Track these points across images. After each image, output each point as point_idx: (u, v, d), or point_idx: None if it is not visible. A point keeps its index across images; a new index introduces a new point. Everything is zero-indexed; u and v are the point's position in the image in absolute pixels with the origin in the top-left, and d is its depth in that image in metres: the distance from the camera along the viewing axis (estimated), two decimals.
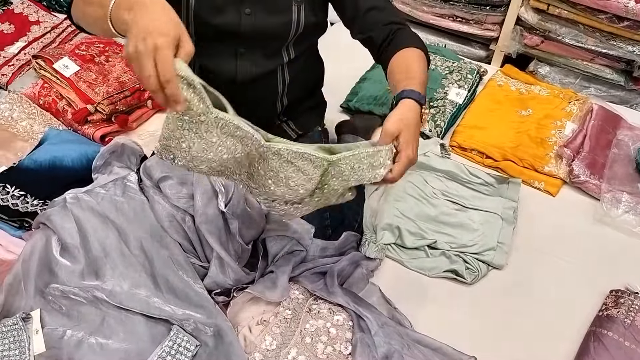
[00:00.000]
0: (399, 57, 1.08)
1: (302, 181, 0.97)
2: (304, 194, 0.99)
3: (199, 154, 0.92)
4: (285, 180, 0.97)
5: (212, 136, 0.91)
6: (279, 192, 1.00)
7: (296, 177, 0.96)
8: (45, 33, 1.93)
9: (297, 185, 0.97)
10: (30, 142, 1.57)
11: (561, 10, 1.84)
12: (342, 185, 0.98)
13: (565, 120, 1.73)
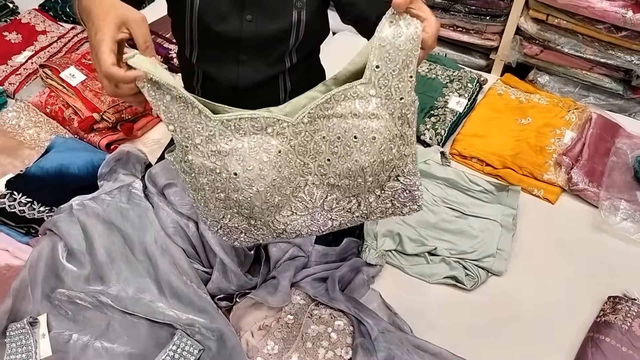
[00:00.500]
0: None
1: (365, 117, 0.85)
2: (386, 130, 0.86)
3: (240, 172, 0.85)
4: (353, 133, 0.86)
5: (235, 142, 0.85)
6: (364, 161, 0.88)
7: (356, 122, 0.85)
8: (52, 42, 1.96)
9: (366, 127, 0.85)
10: (37, 150, 1.60)
11: (560, 20, 1.87)
12: (402, 81, 0.84)
13: (564, 128, 1.75)
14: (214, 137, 0.84)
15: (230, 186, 0.87)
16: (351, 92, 0.84)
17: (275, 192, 0.89)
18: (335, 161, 0.88)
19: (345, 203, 0.95)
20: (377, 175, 0.91)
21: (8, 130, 1.65)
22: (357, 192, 0.94)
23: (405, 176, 0.93)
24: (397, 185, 0.94)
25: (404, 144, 0.89)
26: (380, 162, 0.88)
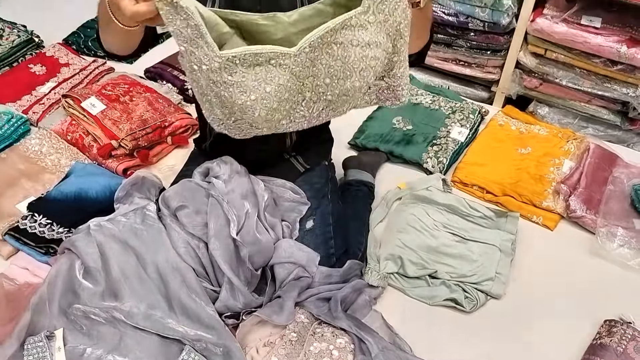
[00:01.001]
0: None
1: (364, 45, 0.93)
2: (382, 53, 0.95)
3: (243, 101, 0.92)
4: (353, 60, 0.94)
5: (239, 75, 0.91)
6: (362, 83, 0.98)
7: (355, 49, 0.93)
8: (74, 74, 2.07)
9: (365, 56, 0.94)
10: (58, 175, 1.68)
11: (558, 54, 1.94)
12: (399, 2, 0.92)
13: (563, 158, 1.81)
14: (219, 70, 0.91)
15: (235, 108, 0.95)
16: (351, 21, 0.90)
17: (275, 113, 0.98)
18: (335, 83, 0.97)
19: (340, 109, 1.06)
20: (369, 83, 1.00)
21: (31, 156, 1.74)
22: (351, 100, 1.04)
23: (389, 77, 1.02)
24: (382, 84, 1.04)
25: (394, 53, 0.98)
26: (374, 76, 1.00)
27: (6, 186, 1.62)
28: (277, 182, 1.45)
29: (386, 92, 1.07)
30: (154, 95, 1.89)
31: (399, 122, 1.94)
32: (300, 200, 1.43)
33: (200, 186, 1.38)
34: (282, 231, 1.39)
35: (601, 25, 1.84)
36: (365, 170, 1.71)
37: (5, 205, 1.57)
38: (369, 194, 1.66)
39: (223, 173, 1.39)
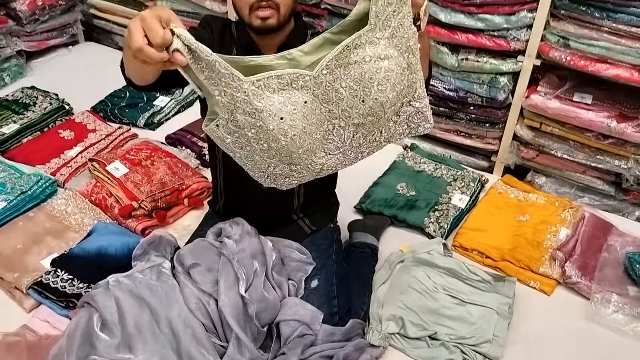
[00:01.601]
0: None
1: (377, 59, 0.99)
2: (396, 66, 1.01)
3: (274, 125, 0.99)
4: (369, 75, 0.99)
5: (267, 100, 0.99)
6: (382, 97, 1.02)
7: (369, 64, 0.99)
8: (101, 139, 2.22)
9: (379, 68, 0.99)
10: (81, 233, 1.78)
11: (552, 128, 2.07)
12: (403, 17, 0.98)
13: (559, 226, 1.89)
14: (249, 97, 0.99)
15: (269, 137, 1.02)
16: (361, 40, 0.99)
17: (307, 138, 1.04)
18: (358, 103, 1.03)
19: (371, 136, 1.10)
20: (394, 105, 1.06)
21: (56, 215, 1.85)
22: (379, 125, 1.08)
23: (416, 100, 1.08)
24: (410, 110, 1.10)
25: (411, 72, 1.05)
26: (395, 94, 1.03)
27: (32, 243, 1.73)
28: (284, 242, 1.54)
29: (416, 118, 1.13)
30: (173, 160, 2.02)
31: (403, 188, 2.04)
32: (306, 260, 1.52)
33: (213, 245, 1.48)
34: (288, 289, 1.47)
35: (592, 101, 1.96)
36: (369, 234, 1.80)
37: (31, 260, 1.67)
38: (372, 256, 1.75)
39: (234, 233, 1.49)
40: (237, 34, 1.39)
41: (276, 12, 1.27)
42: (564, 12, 1.87)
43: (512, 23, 1.96)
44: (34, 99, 2.43)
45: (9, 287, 1.61)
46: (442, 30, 2.09)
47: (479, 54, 2.09)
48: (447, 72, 2.17)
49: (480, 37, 2.05)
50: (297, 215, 1.59)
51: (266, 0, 1.25)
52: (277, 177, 1.14)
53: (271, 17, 1.27)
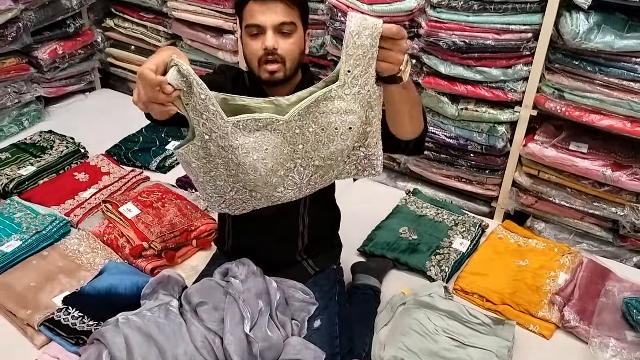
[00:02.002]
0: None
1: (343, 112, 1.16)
2: (358, 120, 1.18)
3: (247, 161, 1.16)
4: (334, 126, 1.18)
5: (243, 138, 1.15)
6: (343, 145, 1.20)
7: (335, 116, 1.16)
8: (114, 182, 2.30)
9: (343, 121, 1.17)
10: (92, 272, 1.84)
11: (550, 175, 2.13)
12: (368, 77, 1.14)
13: (559, 271, 1.92)
14: (227, 135, 1.15)
15: (239, 169, 1.18)
16: (331, 93, 1.15)
17: (273, 175, 1.20)
18: (321, 147, 1.19)
19: (326, 175, 1.27)
20: (350, 150, 1.25)
21: (69, 254, 1.92)
22: (335, 166, 1.25)
23: (365, 147, 1.25)
24: (359, 154, 1.27)
25: (367, 124, 1.21)
26: (353, 143, 1.23)
27: (45, 281, 1.79)
28: (288, 282, 1.60)
29: (364, 162, 1.30)
30: (183, 202, 2.10)
31: (405, 232, 2.10)
32: (309, 301, 1.57)
33: (220, 285, 1.54)
34: (291, 329, 1.52)
35: (588, 150, 2.03)
36: (372, 276, 1.85)
37: (43, 298, 1.73)
38: (375, 297, 1.79)
39: (240, 273, 1.54)
40: (249, 83, 1.49)
41: (282, 66, 1.37)
42: (558, 66, 1.97)
43: (509, 75, 2.06)
44: (51, 142, 2.54)
45: (22, 324, 1.66)
46: (443, 82, 2.19)
47: (478, 104, 2.18)
48: (447, 120, 2.26)
49: (478, 88, 2.14)
50: (301, 257, 1.64)
51: (273, 55, 1.35)
52: (235, 202, 1.29)
53: (278, 70, 1.37)
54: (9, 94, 2.69)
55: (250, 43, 1.36)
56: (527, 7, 1.95)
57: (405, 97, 1.24)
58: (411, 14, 2.15)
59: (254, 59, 1.37)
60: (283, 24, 1.34)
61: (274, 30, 1.33)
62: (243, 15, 1.38)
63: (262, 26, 1.33)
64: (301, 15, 1.39)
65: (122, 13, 3.08)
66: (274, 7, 1.33)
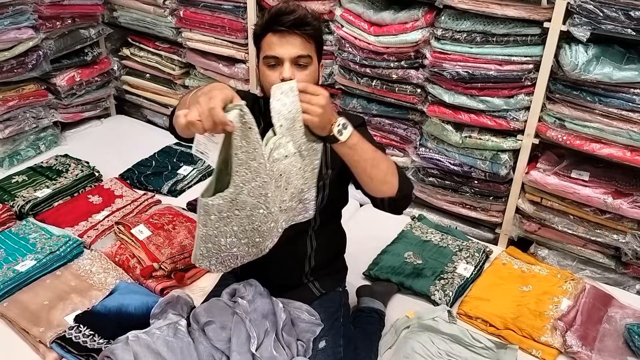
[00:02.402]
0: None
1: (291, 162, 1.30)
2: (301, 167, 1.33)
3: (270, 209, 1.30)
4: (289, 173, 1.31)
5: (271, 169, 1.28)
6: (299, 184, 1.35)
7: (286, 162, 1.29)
8: (127, 205, 2.36)
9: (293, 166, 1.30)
10: (103, 292, 1.88)
11: (553, 202, 2.17)
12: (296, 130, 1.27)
13: (561, 296, 1.95)
14: (267, 183, 1.27)
15: (262, 219, 1.28)
16: (276, 143, 1.26)
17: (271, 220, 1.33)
18: (283, 189, 1.32)
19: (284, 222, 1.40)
20: (300, 194, 1.37)
21: (81, 274, 1.97)
22: (285, 212, 1.38)
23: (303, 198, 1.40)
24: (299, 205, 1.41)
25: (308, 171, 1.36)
26: (303, 182, 1.35)
27: (58, 300, 1.84)
28: (294, 304, 1.63)
29: (299, 208, 1.41)
30: (193, 225, 2.15)
31: (410, 256, 2.14)
32: (314, 322, 1.61)
33: (227, 305, 1.58)
34: (297, 349, 1.55)
35: (589, 178, 2.08)
36: (377, 299, 1.88)
37: (56, 316, 1.77)
38: (379, 320, 1.82)
39: (248, 294, 1.59)
40: (263, 108, 1.56)
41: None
42: (559, 96, 2.03)
43: (511, 105, 2.12)
44: (67, 166, 2.62)
45: (34, 341, 1.70)
46: (447, 110, 2.25)
47: (482, 132, 2.24)
48: (452, 148, 2.31)
49: (482, 117, 2.20)
50: (307, 279, 1.68)
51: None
52: (228, 259, 1.38)
53: None
54: (27, 119, 2.78)
55: (267, 73, 1.43)
56: (528, 40, 2.02)
57: (355, 157, 1.31)
58: (416, 46, 2.23)
59: (270, 86, 1.44)
60: (300, 57, 1.41)
61: (291, 62, 1.40)
62: (261, 45, 1.45)
63: (280, 58, 1.40)
64: (316, 48, 1.46)
65: (138, 42, 3.19)
66: (292, 41, 1.40)
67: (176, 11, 2.88)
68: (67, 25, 2.85)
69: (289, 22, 1.38)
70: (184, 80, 3.09)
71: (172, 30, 2.96)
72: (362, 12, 2.31)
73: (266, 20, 1.42)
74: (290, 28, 1.39)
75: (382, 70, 2.34)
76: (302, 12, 1.40)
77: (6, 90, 2.68)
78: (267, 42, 1.42)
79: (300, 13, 1.40)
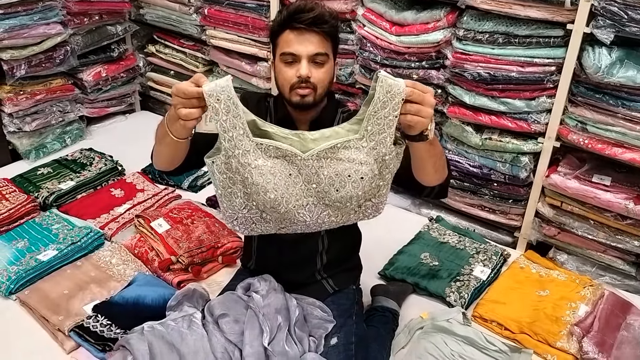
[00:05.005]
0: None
1: (358, 162, 1.24)
2: (370, 172, 1.26)
3: (260, 182, 1.26)
4: (348, 173, 1.26)
5: (261, 160, 1.24)
6: (353, 193, 1.28)
7: (350, 164, 1.24)
8: (148, 198, 2.40)
9: (357, 170, 1.25)
10: (122, 283, 1.92)
11: (573, 207, 2.14)
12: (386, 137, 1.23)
13: (579, 302, 1.92)
14: (249, 153, 1.25)
15: (253, 189, 1.26)
16: (350, 143, 1.24)
17: (282, 203, 1.28)
18: (333, 190, 1.27)
19: (334, 218, 1.35)
20: (359, 200, 1.33)
21: (101, 265, 2.01)
22: (343, 210, 1.33)
23: (376, 197, 1.34)
24: (369, 204, 1.34)
25: (380, 179, 1.31)
26: (363, 193, 1.30)
27: (78, 289, 1.88)
28: (308, 300, 1.64)
29: (371, 209, 1.39)
30: (211, 220, 2.18)
31: (427, 257, 2.13)
32: (327, 318, 1.61)
33: (241, 299, 1.60)
34: (308, 345, 1.56)
35: (611, 183, 2.04)
36: (391, 299, 1.88)
37: (75, 305, 1.81)
38: (393, 320, 1.82)
39: (262, 289, 1.60)
40: (273, 107, 1.58)
41: (313, 92, 1.45)
42: (581, 99, 2.00)
43: (533, 107, 2.09)
44: (91, 159, 2.67)
45: (53, 329, 1.75)
46: (467, 111, 2.24)
47: (502, 135, 2.22)
48: (471, 149, 2.29)
49: (502, 119, 2.18)
50: (320, 275, 1.69)
51: (305, 83, 1.43)
52: (246, 221, 1.37)
53: (309, 95, 1.45)
54: (54, 113, 2.84)
55: (284, 70, 1.45)
56: (550, 42, 2.00)
57: (432, 152, 1.30)
58: (437, 46, 2.22)
59: (286, 85, 1.46)
60: (317, 54, 1.42)
61: (308, 59, 1.42)
62: (278, 42, 1.46)
63: (298, 55, 1.41)
64: (333, 47, 1.47)
65: (164, 40, 3.24)
66: (310, 38, 1.41)
67: (201, 9, 2.92)
68: (95, 22, 2.91)
69: (307, 19, 1.39)
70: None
71: (197, 28, 3.00)
72: (384, 12, 2.31)
73: (285, 17, 1.43)
74: (309, 26, 1.40)
75: (403, 70, 2.33)
76: (320, 10, 1.41)
77: (34, 84, 2.74)
78: (284, 39, 1.43)
79: (319, 11, 1.41)
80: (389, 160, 1.28)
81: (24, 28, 2.56)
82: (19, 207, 2.24)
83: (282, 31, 1.44)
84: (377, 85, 1.18)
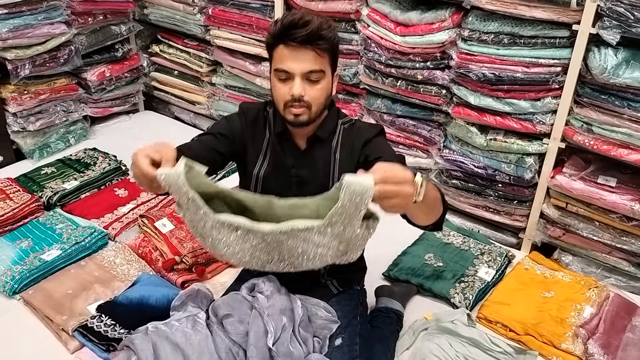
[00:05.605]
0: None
1: (319, 245, 1.21)
2: (332, 253, 1.23)
3: (225, 252, 1.26)
4: (309, 253, 1.23)
5: (224, 234, 1.23)
6: (310, 267, 1.27)
7: (311, 246, 1.21)
8: (151, 199, 2.39)
9: (317, 253, 1.22)
10: (126, 283, 1.92)
11: (578, 208, 2.13)
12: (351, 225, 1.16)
13: (584, 304, 1.91)
14: (213, 228, 1.24)
15: (220, 250, 1.28)
16: (314, 229, 1.18)
17: (252, 262, 1.31)
18: (293, 258, 1.25)
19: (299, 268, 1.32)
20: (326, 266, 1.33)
21: (105, 265, 2.01)
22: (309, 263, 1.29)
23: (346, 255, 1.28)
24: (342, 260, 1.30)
25: (343, 254, 1.26)
26: (328, 263, 1.28)
27: (82, 289, 1.88)
28: (312, 300, 1.64)
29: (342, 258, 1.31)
30: None
31: (431, 258, 2.12)
32: (331, 319, 1.61)
33: (246, 299, 1.59)
34: (313, 346, 1.55)
35: (616, 184, 2.04)
36: (396, 300, 1.87)
37: (79, 305, 1.82)
38: (397, 321, 1.81)
39: (266, 289, 1.60)
40: (273, 119, 1.54)
41: (307, 110, 1.40)
42: (587, 100, 1.99)
43: (538, 108, 2.09)
44: (95, 159, 2.67)
45: (57, 329, 1.75)
46: (472, 112, 2.23)
47: (507, 135, 2.21)
48: (476, 150, 2.29)
49: (507, 120, 2.18)
50: (324, 278, 1.68)
51: (299, 101, 1.38)
52: (218, 244, 1.33)
53: (302, 114, 1.40)
54: (58, 113, 2.85)
55: (278, 86, 1.40)
56: (556, 42, 1.99)
57: (422, 207, 1.18)
58: (442, 46, 2.22)
59: (280, 102, 1.41)
60: (312, 72, 1.36)
61: (302, 77, 1.36)
62: (273, 56, 1.41)
63: (291, 73, 1.36)
64: (330, 61, 1.41)
65: (168, 40, 3.24)
66: (304, 55, 1.35)
67: (205, 9, 2.92)
68: (99, 22, 2.91)
69: (301, 37, 1.33)
70: (211, 77, 3.13)
71: (201, 28, 3.00)
72: (388, 12, 2.30)
73: (278, 31, 1.36)
74: (302, 43, 1.33)
75: (408, 71, 2.33)
76: (315, 25, 1.33)
77: (38, 84, 2.75)
78: (278, 54, 1.38)
79: (314, 26, 1.33)
80: (354, 240, 1.21)
81: (28, 28, 2.56)
82: (23, 207, 2.24)
83: (277, 45, 1.38)
84: (341, 192, 1.10)
